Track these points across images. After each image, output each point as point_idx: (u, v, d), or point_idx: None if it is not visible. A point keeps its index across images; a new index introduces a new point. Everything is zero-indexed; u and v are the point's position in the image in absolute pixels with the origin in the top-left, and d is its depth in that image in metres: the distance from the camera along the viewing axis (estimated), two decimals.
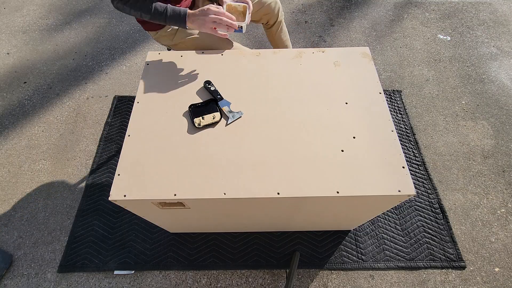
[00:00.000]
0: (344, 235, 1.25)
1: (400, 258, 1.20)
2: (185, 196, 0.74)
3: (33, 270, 1.20)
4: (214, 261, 1.20)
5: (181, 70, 0.98)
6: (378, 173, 0.76)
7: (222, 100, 0.89)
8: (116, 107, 1.64)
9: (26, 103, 1.68)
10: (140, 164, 0.78)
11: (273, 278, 1.18)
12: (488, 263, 1.20)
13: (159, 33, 1.12)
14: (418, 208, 1.31)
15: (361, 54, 1.01)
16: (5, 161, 1.47)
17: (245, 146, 0.81)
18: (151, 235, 1.26)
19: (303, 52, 1.02)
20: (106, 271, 1.19)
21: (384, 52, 1.88)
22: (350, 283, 1.16)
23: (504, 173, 1.42)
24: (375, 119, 0.86)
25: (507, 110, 1.63)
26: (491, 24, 2.02)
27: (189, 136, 0.83)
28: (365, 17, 2.07)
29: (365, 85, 0.93)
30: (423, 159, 1.45)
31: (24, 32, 2.02)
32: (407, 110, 1.63)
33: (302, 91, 0.92)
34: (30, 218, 1.32)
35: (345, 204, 0.83)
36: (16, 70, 1.82)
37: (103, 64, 1.85)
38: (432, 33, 1.98)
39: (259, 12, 1.24)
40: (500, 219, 1.30)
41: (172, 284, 1.16)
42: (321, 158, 0.79)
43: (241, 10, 1.04)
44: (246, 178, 0.76)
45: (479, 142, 1.52)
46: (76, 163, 1.46)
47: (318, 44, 1.93)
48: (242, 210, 0.88)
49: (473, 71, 1.79)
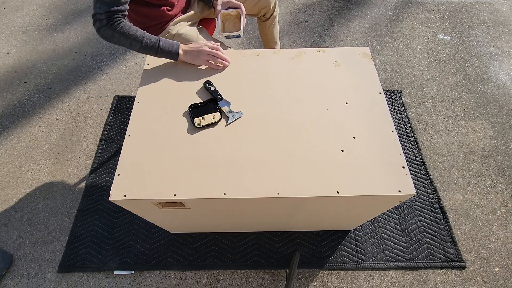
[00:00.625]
0: (344, 235, 1.25)
1: (400, 258, 1.20)
2: (185, 196, 0.74)
3: (33, 270, 1.20)
4: (214, 261, 1.20)
5: (181, 70, 0.98)
6: (378, 173, 0.76)
7: (222, 100, 0.89)
8: (116, 107, 1.64)
9: (26, 103, 1.68)
10: (140, 164, 0.78)
11: (273, 278, 1.18)
12: (488, 263, 1.20)
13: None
14: (418, 208, 1.31)
15: (361, 54, 1.01)
16: (5, 161, 1.47)
17: (245, 146, 0.81)
18: (151, 235, 1.26)
19: (303, 52, 1.02)
20: (106, 271, 1.19)
21: (384, 52, 1.88)
22: (350, 283, 1.16)
23: (504, 173, 1.42)
24: (375, 119, 0.86)
25: (507, 110, 1.63)
26: (491, 24, 2.02)
27: (189, 136, 0.83)
28: (365, 17, 2.07)
29: (365, 85, 0.93)
30: (423, 159, 1.45)
31: (24, 32, 2.02)
32: (407, 110, 1.63)
33: (302, 91, 0.92)
34: (30, 218, 1.32)
35: (345, 204, 0.83)
36: (16, 70, 1.82)
37: (103, 64, 1.85)
38: (432, 33, 1.98)
39: (257, 5, 1.25)
40: (500, 219, 1.30)
41: (172, 284, 1.16)
42: (321, 158, 0.79)
43: (235, 14, 1.07)
44: (246, 178, 0.76)
45: (479, 142, 1.52)
46: (76, 163, 1.46)
47: (318, 44, 1.93)
48: (242, 210, 0.88)
49: (473, 71, 1.79)
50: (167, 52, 0.93)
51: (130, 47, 0.91)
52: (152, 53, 0.93)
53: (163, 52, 0.93)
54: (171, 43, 0.94)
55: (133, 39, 0.89)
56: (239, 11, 1.06)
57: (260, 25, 1.42)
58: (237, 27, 1.08)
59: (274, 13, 1.34)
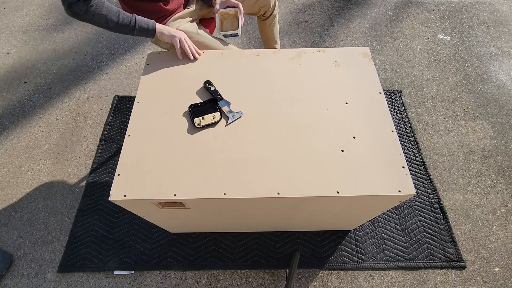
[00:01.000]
0: (344, 235, 1.25)
1: (400, 258, 1.20)
2: (185, 196, 0.74)
3: (33, 270, 1.20)
4: (214, 261, 1.20)
5: (181, 70, 0.98)
6: (378, 173, 0.76)
7: (222, 100, 0.89)
8: (116, 107, 1.64)
9: (26, 103, 1.68)
10: (140, 164, 0.78)
11: (273, 278, 1.18)
12: (488, 263, 1.20)
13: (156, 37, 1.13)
14: (418, 208, 1.31)
15: (361, 54, 1.01)
16: (5, 161, 1.47)
17: (245, 146, 0.81)
18: (151, 235, 1.25)
19: (303, 52, 1.02)
20: (106, 271, 1.19)
21: (384, 52, 1.88)
22: (350, 283, 1.16)
23: (504, 173, 1.42)
24: (375, 119, 0.86)
25: (507, 110, 1.63)
26: (491, 24, 2.02)
27: (189, 136, 0.83)
28: (365, 17, 2.07)
29: (365, 85, 0.93)
30: (423, 159, 1.45)
31: (24, 32, 2.02)
32: (407, 110, 1.63)
33: (302, 91, 0.92)
34: (30, 218, 1.32)
35: (345, 204, 0.83)
36: (16, 70, 1.82)
37: (103, 64, 1.85)
38: (432, 33, 1.98)
39: (257, 4, 1.26)
40: (500, 219, 1.30)
41: (172, 284, 1.16)
42: (321, 158, 0.79)
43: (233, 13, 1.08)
44: (246, 178, 0.76)
45: (479, 142, 1.52)
46: (76, 163, 1.46)
47: (318, 44, 1.93)
48: (242, 210, 0.88)
49: (473, 71, 1.79)
50: (143, 29, 0.92)
51: (105, 25, 0.86)
52: (129, 31, 0.91)
53: (140, 29, 0.91)
54: (147, 21, 0.93)
55: (108, 16, 0.84)
56: (237, 10, 1.06)
57: (260, 24, 1.43)
58: (235, 26, 1.09)
59: (274, 12, 1.35)
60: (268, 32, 1.43)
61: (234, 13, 1.08)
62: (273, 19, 1.38)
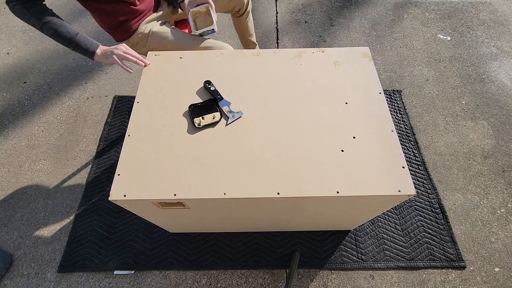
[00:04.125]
0: (344, 235, 1.25)
1: (400, 258, 1.20)
2: (185, 196, 0.74)
3: (33, 270, 1.20)
4: (214, 261, 1.20)
5: (181, 70, 0.98)
6: (378, 173, 0.76)
7: (222, 100, 0.89)
8: (116, 107, 1.64)
9: (26, 103, 1.68)
10: (140, 164, 0.78)
11: (273, 278, 1.18)
12: (488, 263, 1.20)
13: (131, 42, 1.11)
14: (418, 208, 1.31)
15: (361, 54, 1.01)
16: (5, 161, 1.47)
17: (245, 146, 0.81)
18: (151, 235, 1.25)
19: (303, 52, 1.02)
20: (106, 271, 1.19)
21: (384, 52, 1.88)
22: (350, 283, 1.16)
23: (504, 173, 1.42)
24: (375, 119, 0.86)
25: (507, 110, 1.63)
26: (491, 24, 2.02)
27: (189, 136, 0.83)
28: (365, 17, 2.07)
29: (365, 85, 0.93)
30: (423, 159, 1.45)
31: (24, 32, 2.02)
32: (407, 110, 1.63)
33: (302, 91, 0.92)
34: (30, 218, 1.32)
35: (345, 204, 0.82)
36: (16, 70, 1.82)
37: (103, 64, 1.85)
38: (432, 33, 1.98)
39: (231, 2, 1.28)
40: (500, 219, 1.30)
41: (172, 284, 1.16)
42: (321, 158, 0.79)
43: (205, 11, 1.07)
44: (246, 178, 0.76)
45: (479, 142, 1.52)
46: (76, 163, 1.46)
47: (318, 44, 1.93)
48: (242, 210, 0.88)
49: (473, 71, 1.79)
50: (82, 49, 0.93)
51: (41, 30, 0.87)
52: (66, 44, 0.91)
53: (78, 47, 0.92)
54: (91, 42, 0.94)
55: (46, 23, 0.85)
56: (208, 6, 1.05)
57: (235, 21, 1.45)
58: (209, 23, 1.08)
59: (248, 9, 1.37)
60: (244, 27, 1.46)
61: (206, 9, 1.06)
62: (247, 15, 1.40)
